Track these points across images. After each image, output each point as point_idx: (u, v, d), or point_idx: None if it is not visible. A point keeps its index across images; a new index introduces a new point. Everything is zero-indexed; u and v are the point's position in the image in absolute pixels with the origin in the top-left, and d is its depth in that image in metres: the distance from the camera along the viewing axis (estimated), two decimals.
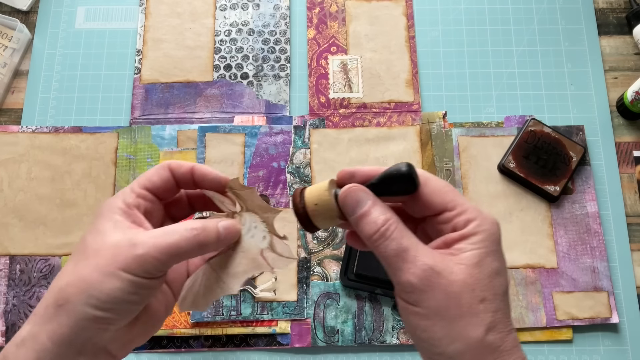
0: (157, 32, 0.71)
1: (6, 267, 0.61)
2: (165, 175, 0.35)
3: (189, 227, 0.31)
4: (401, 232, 0.30)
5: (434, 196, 0.31)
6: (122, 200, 0.33)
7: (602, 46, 0.72)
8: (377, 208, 0.31)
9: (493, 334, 0.29)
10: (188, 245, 0.31)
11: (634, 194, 0.65)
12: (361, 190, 0.32)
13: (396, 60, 0.70)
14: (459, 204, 0.31)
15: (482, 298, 0.29)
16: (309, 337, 0.59)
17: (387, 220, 0.30)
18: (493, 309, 0.29)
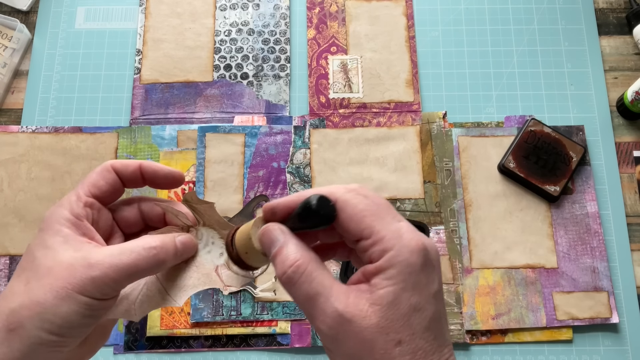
0: (157, 32, 0.71)
1: (6, 267, 0.61)
2: (111, 179, 0.33)
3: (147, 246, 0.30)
4: (311, 275, 0.27)
5: (350, 223, 0.28)
6: (69, 210, 0.31)
7: (602, 46, 0.72)
8: (289, 246, 0.28)
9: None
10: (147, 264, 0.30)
11: (634, 194, 0.65)
12: (274, 229, 0.29)
13: (396, 60, 0.70)
14: (375, 231, 0.28)
15: (398, 341, 0.26)
16: (309, 337, 0.59)
17: (295, 260, 0.28)
18: (411, 351, 0.26)
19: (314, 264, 0.28)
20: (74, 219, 0.31)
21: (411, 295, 0.27)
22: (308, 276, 0.28)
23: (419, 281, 0.27)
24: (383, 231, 0.27)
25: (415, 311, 0.27)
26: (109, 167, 0.33)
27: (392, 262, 0.27)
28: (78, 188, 0.32)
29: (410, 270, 0.27)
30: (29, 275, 0.29)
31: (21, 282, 0.29)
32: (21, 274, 0.30)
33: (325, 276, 0.28)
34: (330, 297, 0.27)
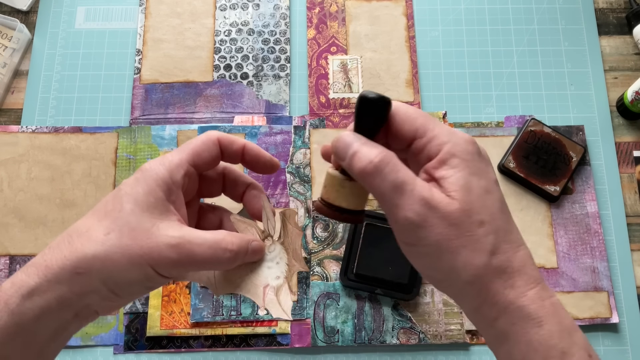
0: (157, 32, 0.71)
1: (6, 267, 0.61)
2: (215, 151, 0.34)
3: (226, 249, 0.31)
4: (397, 166, 0.28)
5: (403, 124, 0.30)
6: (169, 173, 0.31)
7: (602, 46, 0.72)
8: (368, 144, 0.29)
9: (497, 257, 0.28)
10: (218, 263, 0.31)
11: (634, 194, 0.65)
12: (348, 134, 0.30)
13: (396, 60, 0.70)
14: (428, 128, 0.29)
15: (480, 221, 0.28)
16: (309, 337, 0.59)
17: (380, 153, 0.28)
18: (494, 230, 0.28)
19: (395, 157, 0.29)
20: (170, 184, 0.31)
21: (479, 179, 0.28)
22: (395, 165, 0.28)
23: (481, 167, 0.29)
24: (436, 128, 0.29)
25: (487, 193, 0.28)
26: (215, 140, 0.34)
27: (452, 151, 0.28)
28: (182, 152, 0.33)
29: (471, 157, 0.28)
30: (110, 225, 0.30)
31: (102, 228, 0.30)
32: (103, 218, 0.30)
33: (408, 169, 0.29)
34: (415, 186, 0.28)
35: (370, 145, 0.29)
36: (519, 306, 0.27)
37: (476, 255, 0.27)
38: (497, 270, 0.28)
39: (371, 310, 0.60)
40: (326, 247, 0.62)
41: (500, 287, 0.28)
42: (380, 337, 0.59)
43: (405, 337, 0.59)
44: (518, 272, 0.28)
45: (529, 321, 0.27)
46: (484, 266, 0.28)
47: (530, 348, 0.27)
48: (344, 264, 0.60)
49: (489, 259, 0.28)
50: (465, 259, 0.28)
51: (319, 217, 0.63)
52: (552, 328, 0.27)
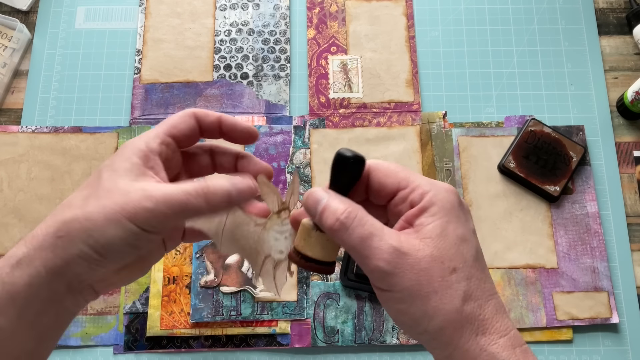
0: (157, 32, 0.71)
1: None
2: (191, 124, 0.34)
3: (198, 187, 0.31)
4: (362, 219, 0.30)
5: (386, 178, 0.31)
6: (145, 143, 0.32)
7: (602, 46, 0.72)
8: (336, 200, 0.30)
9: (469, 304, 0.28)
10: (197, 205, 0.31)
11: (634, 194, 0.65)
12: (318, 190, 0.31)
13: (396, 60, 0.70)
14: (410, 180, 0.31)
15: (453, 268, 0.28)
16: (309, 337, 0.59)
17: (346, 209, 0.30)
18: (465, 277, 0.28)
19: (362, 211, 0.30)
20: (147, 151, 0.32)
21: (455, 227, 0.29)
22: (360, 220, 0.30)
23: (459, 216, 0.30)
24: (418, 179, 0.31)
25: (463, 241, 0.29)
26: (190, 113, 0.35)
27: (433, 200, 0.30)
28: (159, 126, 0.34)
29: (450, 206, 0.30)
30: (89, 192, 0.31)
31: (81, 196, 0.31)
32: (83, 190, 0.31)
33: (375, 220, 0.30)
34: (383, 236, 0.29)
35: (338, 202, 0.30)
36: (490, 353, 0.28)
37: (447, 301, 0.28)
38: (469, 317, 0.28)
39: (371, 310, 0.60)
40: None
41: (472, 334, 0.28)
42: (380, 337, 0.59)
43: (405, 337, 0.59)
44: (490, 320, 0.28)
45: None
46: (456, 312, 0.28)
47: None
48: (344, 264, 0.60)
49: (461, 306, 0.28)
50: (437, 305, 0.28)
51: None
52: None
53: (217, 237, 0.34)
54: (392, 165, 0.32)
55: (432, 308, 0.28)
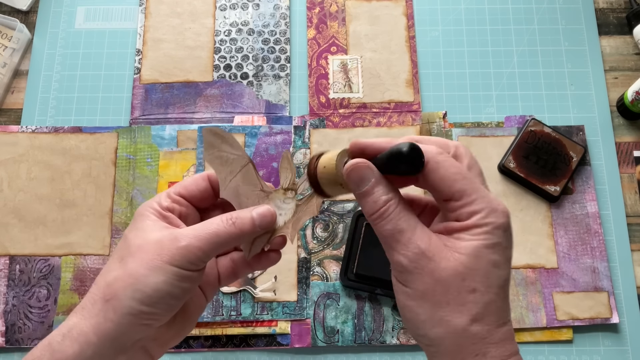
0: (157, 32, 0.71)
1: (6, 267, 0.61)
2: (203, 185, 0.36)
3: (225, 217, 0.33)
4: (399, 214, 0.30)
5: (441, 183, 0.30)
6: (157, 202, 0.35)
7: (602, 46, 0.72)
8: (380, 188, 0.30)
9: (479, 325, 0.28)
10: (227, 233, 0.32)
11: (634, 194, 0.65)
12: (365, 168, 0.30)
13: (396, 60, 0.70)
14: (466, 194, 0.29)
15: (473, 289, 0.28)
16: (309, 337, 0.59)
17: (387, 201, 0.30)
18: (484, 301, 0.28)
19: (403, 204, 0.30)
20: (160, 210, 0.34)
21: (493, 252, 0.29)
22: (398, 214, 0.30)
23: (501, 243, 0.29)
24: (474, 195, 0.29)
25: (495, 267, 0.29)
26: (204, 176, 0.36)
27: (480, 222, 0.29)
28: (171, 188, 0.36)
29: (497, 232, 0.29)
30: (122, 254, 0.32)
31: (116, 260, 0.32)
32: (116, 254, 0.33)
33: (412, 216, 0.30)
34: (414, 234, 0.29)
35: (380, 188, 0.30)
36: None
37: (457, 316, 0.28)
38: (475, 337, 0.28)
39: (371, 311, 0.60)
40: (326, 247, 0.62)
41: (471, 355, 0.28)
42: (380, 337, 0.59)
43: (405, 337, 0.59)
44: (495, 345, 0.28)
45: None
46: (462, 329, 0.28)
47: None
48: (344, 264, 0.60)
49: (469, 324, 0.28)
50: (444, 315, 0.28)
51: (319, 218, 0.63)
52: None
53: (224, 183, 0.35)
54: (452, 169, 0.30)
55: (438, 317, 0.28)
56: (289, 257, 0.62)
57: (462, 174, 0.30)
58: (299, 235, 0.63)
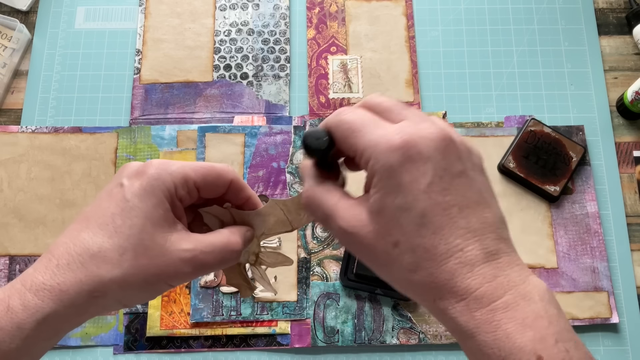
0: (157, 32, 0.71)
1: (6, 267, 0.61)
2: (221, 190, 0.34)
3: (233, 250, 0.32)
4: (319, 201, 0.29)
5: (340, 146, 0.29)
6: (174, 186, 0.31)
7: (602, 46, 0.72)
8: (307, 180, 0.30)
9: (418, 274, 0.27)
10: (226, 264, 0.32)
11: (634, 194, 0.65)
12: (302, 168, 0.32)
13: (396, 60, 0.70)
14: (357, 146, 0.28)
15: (395, 242, 0.27)
16: (309, 338, 0.59)
17: (307, 190, 0.30)
18: (409, 249, 0.27)
19: (320, 190, 0.30)
20: (175, 197, 0.31)
21: (395, 197, 0.26)
22: (316, 203, 0.30)
23: (401, 181, 0.26)
24: (363, 143, 0.27)
25: (402, 211, 0.26)
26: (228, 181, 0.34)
27: (373, 170, 0.27)
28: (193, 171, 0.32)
29: (389, 174, 0.26)
30: (124, 244, 0.29)
31: (115, 247, 0.29)
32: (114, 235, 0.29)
33: (331, 197, 0.29)
34: (334, 216, 0.29)
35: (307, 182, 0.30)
36: (449, 318, 0.27)
37: (396, 274, 0.28)
38: (421, 285, 0.27)
39: (371, 310, 0.60)
40: (326, 247, 0.62)
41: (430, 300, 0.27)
42: (380, 337, 0.59)
43: (405, 337, 0.59)
44: (444, 286, 0.26)
45: (461, 332, 0.27)
46: (407, 282, 0.27)
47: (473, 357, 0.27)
48: (344, 264, 0.60)
49: (410, 276, 0.27)
50: (389, 276, 0.28)
51: None
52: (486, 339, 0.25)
53: None
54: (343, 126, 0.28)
55: (387, 277, 0.29)
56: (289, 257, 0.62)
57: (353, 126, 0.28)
58: (299, 236, 0.63)
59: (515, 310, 0.25)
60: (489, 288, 0.26)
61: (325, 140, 0.29)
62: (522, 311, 0.25)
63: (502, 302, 0.26)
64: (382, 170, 0.26)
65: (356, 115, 0.28)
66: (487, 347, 0.25)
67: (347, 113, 0.29)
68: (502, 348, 0.25)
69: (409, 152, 0.26)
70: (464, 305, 0.26)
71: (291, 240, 0.62)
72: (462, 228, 0.26)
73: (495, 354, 0.25)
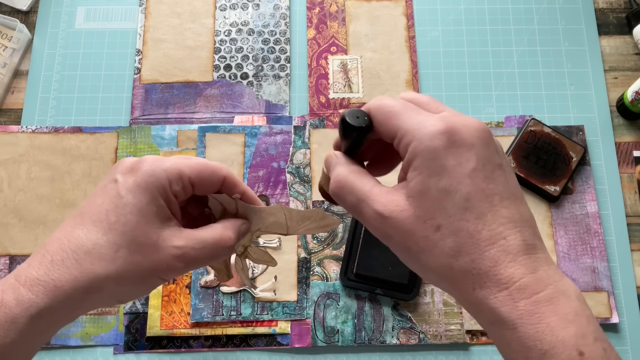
0: (157, 32, 0.71)
1: (6, 267, 0.61)
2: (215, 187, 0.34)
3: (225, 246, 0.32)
4: (352, 186, 0.29)
5: (380, 128, 0.29)
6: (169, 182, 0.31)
7: (602, 46, 0.72)
8: (338, 167, 0.30)
9: (460, 259, 0.26)
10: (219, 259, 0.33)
11: (634, 194, 0.65)
12: (330, 156, 0.32)
13: (396, 60, 0.70)
14: (399, 127, 0.28)
15: (437, 226, 0.27)
16: (309, 337, 0.59)
17: (338, 176, 0.30)
18: (452, 233, 0.26)
19: (353, 175, 0.30)
20: (169, 193, 0.31)
21: (439, 179, 0.27)
22: (349, 188, 0.29)
23: (446, 164, 0.26)
24: (405, 125, 0.28)
25: (446, 194, 0.26)
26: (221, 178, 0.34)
27: (415, 151, 0.27)
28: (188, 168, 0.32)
29: (434, 156, 0.27)
30: (118, 241, 0.29)
31: (109, 243, 0.29)
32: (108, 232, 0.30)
33: (365, 183, 0.29)
34: (370, 200, 0.28)
35: (339, 167, 0.30)
36: (490, 308, 0.26)
37: (435, 260, 0.27)
38: (462, 272, 0.26)
39: (371, 310, 0.60)
40: (326, 247, 0.62)
41: (470, 288, 0.26)
42: (380, 337, 0.59)
43: (405, 337, 0.59)
44: (486, 274, 0.26)
45: (501, 324, 0.26)
46: (446, 269, 0.27)
47: (510, 349, 0.26)
48: (344, 264, 0.60)
49: (450, 262, 0.26)
50: (426, 263, 0.27)
51: None
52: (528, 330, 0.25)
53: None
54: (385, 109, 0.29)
55: (422, 265, 0.28)
56: (289, 257, 0.62)
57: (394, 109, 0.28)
58: (299, 236, 0.63)
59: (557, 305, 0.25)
60: (532, 280, 0.26)
61: (365, 119, 0.29)
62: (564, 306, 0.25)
63: (544, 295, 0.25)
64: (427, 152, 0.27)
65: (398, 102, 0.29)
66: (529, 339, 0.25)
67: (388, 99, 0.29)
68: (544, 341, 0.25)
69: (453, 137, 0.27)
70: (506, 294, 0.26)
71: (291, 240, 0.62)
72: (504, 217, 0.26)
73: (537, 347, 0.25)
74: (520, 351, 0.25)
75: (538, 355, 0.25)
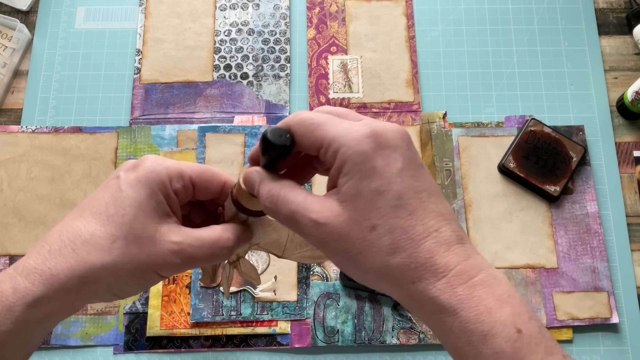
0: (157, 32, 0.71)
1: (6, 267, 0.61)
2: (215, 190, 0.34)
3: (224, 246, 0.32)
4: (285, 199, 0.29)
5: (303, 141, 0.29)
6: (169, 179, 0.32)
7: (602, 46, 0.72)
8: (267, 183, 0.30)
9: (397, 256, 0.27)
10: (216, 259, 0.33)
11: (634, 194, 0.65)
12: (251, 172, 0.31)
13: (396, 60, 0.70)
14: (324, 137, 0.28)
15: (372, 226, 0.27)
16: (309, 337, 0.59)
17: (270, 191, 0.30)
18: (387, 231, 0.27)
19: (285, 189, 0.30)
20: (169, 190, 0.32)
21: (370, 181, 0.27)
22: (282, 202, 0.29)
23: (375, 166, 0.27)
24: (330, 134, 0.28)
25: (378, 194, 0.27)
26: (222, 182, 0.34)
27: (344, 157, 0.28)
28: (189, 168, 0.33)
29: (363, 159, 0.27)
30: (116, 233, 0.30)
31: (107, 235, 0.30)
32: (106, 223, 0.30)
33: (298, 194, 0.29)
34: (305, 210, 0.29)
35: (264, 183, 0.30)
36: (430, 297, 0.27)
37: (373, 259, 0.27)
38: (400, 268, 0.27)
39: (371, 310, 0.60)
40: None
41: (408, 283, 0.27)
42: (380, 337, 0.59)
43: (405, 337, 0.59)
44: (423, 265, 0.27)
45: (443, 311, 0.27)
46: (385, 267, 0.27)
47: (453, 335, 0.27)
48: None
49: (388, 260, 0.27)
50: (364, 264, 0.28)
51: None
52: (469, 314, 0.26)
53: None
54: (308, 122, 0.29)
55: (361, 267, 0.28)
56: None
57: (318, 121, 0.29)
58: None
59: (492, 287, 0.27)
60: (467, 266, 0.27)
61: (288, 137, 0.29)
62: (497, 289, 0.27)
63: (479, 280, 0.27)
64: (356, 156, 0.27)
65: (317, 114, 0.30)
66: (469, 322, 0.26)
67: (307, 112, 0.30)
68: (484, 322, 0.26)
69: (379, 139, 0.28)
70: (445, 282, 0.27)
71: None
72: (434, 211, 0.28)
73: (477, 330, 0.26)
74: (463, 336, 0.27)
75: (480, 338, 0.26)
